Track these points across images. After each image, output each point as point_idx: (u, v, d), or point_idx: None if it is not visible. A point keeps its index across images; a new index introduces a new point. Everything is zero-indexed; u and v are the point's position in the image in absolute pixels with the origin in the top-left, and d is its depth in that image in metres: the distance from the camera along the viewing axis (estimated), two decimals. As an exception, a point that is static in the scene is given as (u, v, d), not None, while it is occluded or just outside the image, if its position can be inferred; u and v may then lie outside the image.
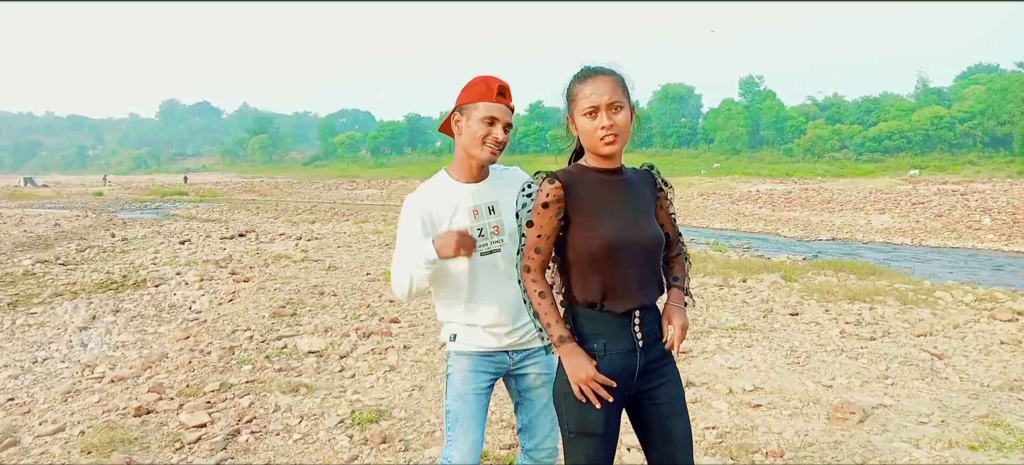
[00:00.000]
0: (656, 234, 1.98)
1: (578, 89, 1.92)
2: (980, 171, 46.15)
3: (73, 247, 13.69)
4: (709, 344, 5.87)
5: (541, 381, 2.42)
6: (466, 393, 2.32)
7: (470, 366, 2.34)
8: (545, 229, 1.93)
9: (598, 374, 1.91)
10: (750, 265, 11.11)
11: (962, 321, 6.79)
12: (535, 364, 2.42)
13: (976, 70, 75.47)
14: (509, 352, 2.38)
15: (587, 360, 1.92)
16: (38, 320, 7.19)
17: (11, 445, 3.88)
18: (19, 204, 32.26)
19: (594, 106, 1.88)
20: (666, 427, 2.01)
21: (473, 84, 2.26)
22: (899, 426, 4.08)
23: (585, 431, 1.95)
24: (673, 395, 2.03)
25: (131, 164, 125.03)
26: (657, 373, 2.01)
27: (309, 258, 11.38)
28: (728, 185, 40.35)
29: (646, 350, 1.98)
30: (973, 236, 18.54)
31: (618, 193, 1.97)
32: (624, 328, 1.95)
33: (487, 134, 2.22)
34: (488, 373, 2.37)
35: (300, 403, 4.48)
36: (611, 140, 1.89)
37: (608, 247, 1.90)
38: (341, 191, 46.22)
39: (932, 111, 57.29)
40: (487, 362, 2.36)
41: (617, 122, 1.88)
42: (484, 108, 2.21)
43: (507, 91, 2.25)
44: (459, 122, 2.27)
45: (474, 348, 2.35)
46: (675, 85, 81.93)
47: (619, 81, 1.92)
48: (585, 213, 1.93)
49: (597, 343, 1.95)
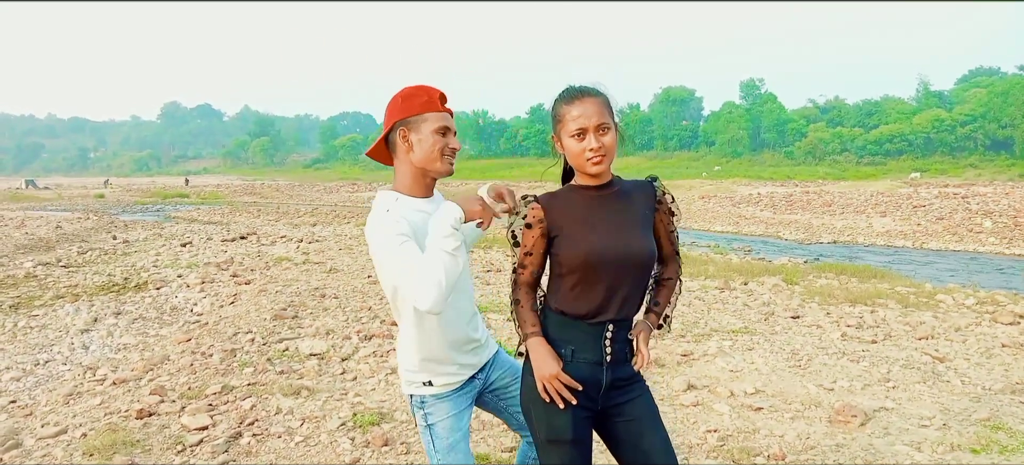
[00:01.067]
0: (645, 248, 1.96)
1: (565, 110, 1.92)
2: (981, 174, 46.07)
3: (75, 249, 13.70)
4: (710, 347, 5.87)
5: (511, 377, 2.33)
6: (456, 443, 2.16)
7: (452, 410, 2.17)
8: (530, 245, 2.01)
9: (562, 373, 1.93)
10: (751, 268, 11.11)
11: (963, 324, 6.78)
12: (498, 366, 2.35)
13: (977, 73, 75.43)
14: (476, 375, 2.26)
15: (554, 358, 1.95)
16: (40, 322, 7.20)
17: (13, 447, 3.88)
18: (21, 206, 32.28)
19: (582, 128, 1.89)
20: (637, 443, 1.99)
21: (411, 94, 2.10)
22: (901, 429, 4.08)
23: (554, 438, 1.96)
24: (643, 410, 2.01)
25: (132, 166, 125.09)
26: (625, 390, 2.01)
27: (310, 260, 11.38)
28: (729, 188, 40.34)
29: (614, 366, 1.98)
30: (974, 239, 18.51)
31: (606, 207, 1.98)
32: (595, 339, 1.96)
33: (444, 145, 2.10)
34: (467, 407, 2.24)
35: (302, 406, 4.48)
36: (598, 161, 1.91)
37: (588, 259, 1.92)
38: (342, 193, 46.21)
39: (933, 114, 57.20)
40: (464, 397, 2.22)
41: (604, 143, 1.90)
42: (435, 119, 2.08)
43: (446, 98, 2.14)
44: (407, 138, 2.09)
45: (452, 387, 2.18)
46: (676, 88, 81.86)
47: (605, 102, 1.92)
48: (569, 229, 1.96)
49: (565, 348, 1.97)
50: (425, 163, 2.10)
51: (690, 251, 14.51)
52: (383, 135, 2.15)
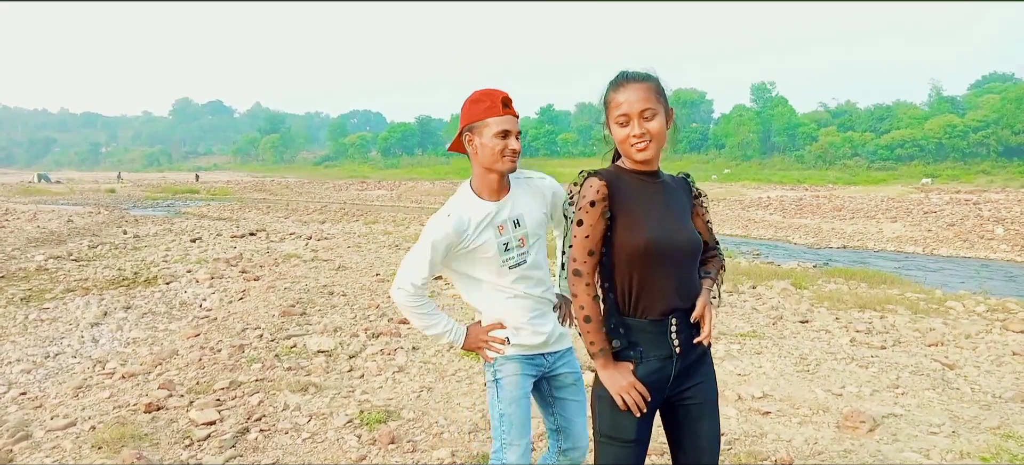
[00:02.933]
0: (695, 238, 2.01)
1: (612, 97, 1.95)
2: (993, 181, 45.74)
3: (85, 243, 13.78)
4: (718, 350, 5.84)
5: (573, 379, 2.49)
6: (518, 397, 2.38)
7: (519, 370, 2.39)
8: (594, 229, 1.95)
9: (636, 381, 1.92)
10: (760, 272, 11.06)
11: (974, 331, 6.73)
12: (566, 363, 2.49)
13: (990, 79, 74.93)
14: (546, 354, 2.44)
15: (624, 369, 1.94)
16: (50, 315, 7.24)
17: (23, 438, 3.91)
18: (33, 200, 32.53)
19: (626, 114, 1.90)
20: (694, 429, 2.03)
21: (476, 100, 2.30)
22: (909, 436, 4.06)
23: (616, 436, 1.97)
24: (706, 396, 2.04)
25: (144, 161, 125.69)
26: (692, 375, 2.02)
27: (319, 258, 11.41)
28: (739, 191, 40.22)
29: (683, 356, 1.99)
30: (986, 246, 18.37)
31: (657, 196, 1.99)
32: (661, 335, 1.96)
33: (504, 147, 2.27)
34: (532, 376, 2.43)
35: (309, 402, 4.49)
36: (643, 147, 1.92)
37: (649, 247, 1.91)
38: (351, 191, 46.34)
39: (945, 119, 56.85)
40: (531, 365, 2.41)
41: (649, 129, 1.90)
42: (495, 123, 2.26)
43: (510, 102, 2.31)
44: (472, 142, 2.31)
45: (521, 351, 2.39)
46: (686, 90, 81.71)
47: (652, 87, 1.93)
48: (627, 213, 1.95)
49: (633, 351, 1.96)
50: (488, 164, 2.30)
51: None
52: (458, 134, 2.38)
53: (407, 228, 18.15)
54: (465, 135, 2.33)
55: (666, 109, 1.95)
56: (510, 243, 2.35)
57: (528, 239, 2.39)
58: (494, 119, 2.26)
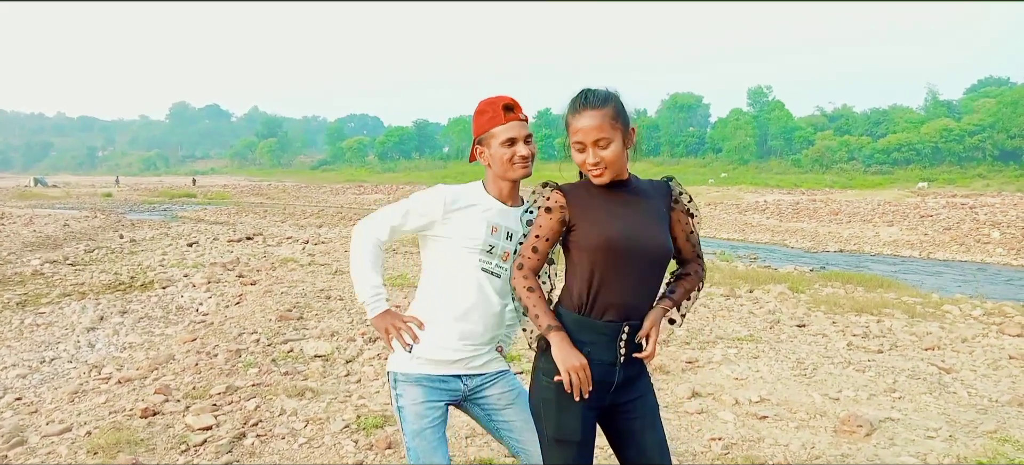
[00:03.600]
0: (661, 242, 1.98)
1: (570, 121, 1.96)
2: (990, 184, 45.82)
3: (82, 248, 13.76)
4: (715, 354, 5.85)
5: (509, 400, 2.34)
6: (422, 429, 2.23)
7: (422, 397, 2.25)
8: (544, 230, 2.00)
9: (586, 366, 1.91)
10: (757, 276, 11.07)
11: (970, 335, 6.75)
12: (494, 385, 2.34)
13: (986, 83, 75.05)
14: (462, 377, 2.29)
15: (577, 352, 1.93)
16: (46, 320, 7.23)
17: (18, 444, 3.90)
18: (29, 204, 32.46)
19: (581, 142, 1.93)
20: (640, 442, 2.04)
21: (481, 112, 2.29)
22: (906, 440, 4.06)
23: (562, 437, 1.98)
24: (646, 409, 2.06)
25: (140, 165, 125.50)
26: (632, 387, 2.04)
27: (316, 262, 11.40)
28: (735, 195, 40.27)
29: (626, 365, 2.00)
30: (982, 250, 18.43)
31: (623, 199, 2.00)
32: (611, 340, 1.97)
33: (512, 155, 2.25)
34: (439, 403, 2.27)
35: (306, 407, 4.48)
36: (598, 174, 1.95)
37: (609, 243, 1.92)
38: (348, 195, 46.33)
39: (941, 123, 56.97)
40: (437, 390, 2.27)
41: (603, 157, 1.91)
42: (500, 132, 2.24)
43: (514, 106, 2.27)
44: (483, 154, 2.30)
45: (428, 367, 2.25)
46: (683, 94, 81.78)
47: (608, 113, 1.91)
48: (588, 214, 1.97)
49: (582, 349, 1.96)
50: (500, 174, 2.28)
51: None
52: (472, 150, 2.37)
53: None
54: (477, 148, 2.32)
55: (625, 131, 1.95)
56: (495, 248, 2.27)
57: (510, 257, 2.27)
58: (498, 128, 2.24)
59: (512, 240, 2.29)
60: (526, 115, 2.31)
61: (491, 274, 2.28)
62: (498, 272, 2.29)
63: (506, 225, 2.30)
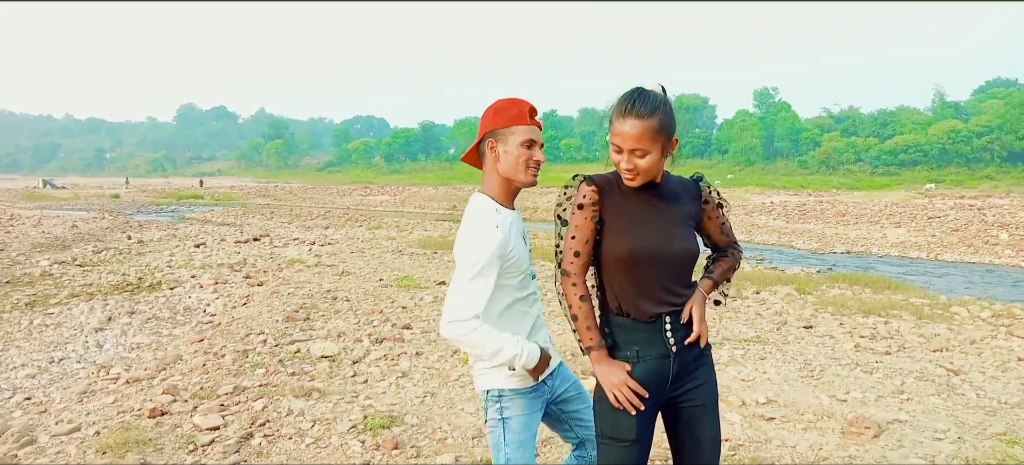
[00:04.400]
0: (687, 248, 2.00)
1: (614, 121, 1.94)
2: (998, 186, 45.57)
3: (90, 249, 13.82)
4: (722, 356, 5.84)
5: (576, 390, 2.39)
6: (526, 440, 2.21)
7: (528, 408, 2.22)
8: (581, 231, 1.99)
9: (630, 379, 1.94)
10: (764, 277, 11.04)
11: (979, 337, 6.71)
12: (564, 379, 2.37)
13: (994, 84, 74.66)
14: (546, 379, 2.30)
15: (618, 367, 1.96)
16: (55, 320, 7.26)
17: (28, 443, 3.92)
18: (38, 205, 32.63)
19: (619, 147, 1.92)
20: (695, 430, 2.04)
21: (503, 107, 2.21)
22: (914, 442, 4.04)
23: (617, 437, 1.98)
24: (706, 398, 2.05)
25: (148, 167, 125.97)
26: (692, 376, 2.04)
27: (322, 263, 11.43)
28: (742, 196, 40.16)
29: (680, 355, 2.00)
30: (990, 251, 18.32)
31: (652, 204, 2.00)
32: (656, 334, 1.98)
33: (529, 157, 2.18)
34: (540, 411, 2.29)
35: (313, 407, 4.49)
36: (631, 179, 1.95)
37: (634, 255, 1.94)
38: (355, 197, 46.39)
39: (949, 125, 56.70)
40: (537, 399, 2.27)
41: (638, 165, 1.91)
42: (522, 133, 2.17)
43: (536, 112, 2.23)
44: (495, 148, 2.20)
45: (525, 383, 2.21)
46: (689, 95, 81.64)
47: (653, 126, 1.88)
48: (618, 219, 1.98)
49: (630, 350, 1.98)
50: (510, 173, 2.20)
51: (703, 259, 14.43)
52: (476, 142, 2.28)
53: (410, 233, 18.16)
54: (487, 141, 2.21)
55: (667, 142, 1.93)
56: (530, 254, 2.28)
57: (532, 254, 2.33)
58: (521, 128, 2.17)
59: (526, 241, 2.29)
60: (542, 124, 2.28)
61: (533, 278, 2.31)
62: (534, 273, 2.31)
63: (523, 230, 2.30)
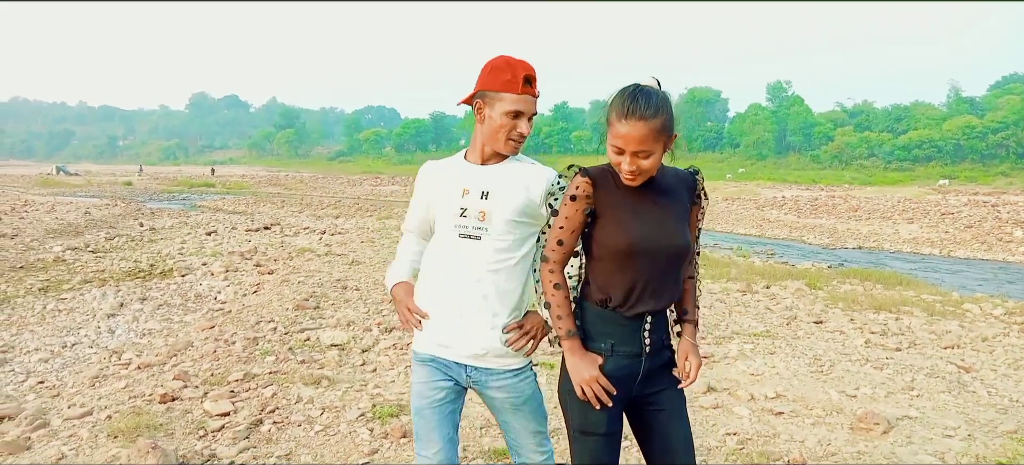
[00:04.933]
0: (683, 242, 1.98)
1: (614, 121, 1.87)
2: (1013, 183, 45.12)
3: (102, 235, 13.93)
4: (731, 350, 5.82)
5: (510, 405, 2.20)
6: (421, 407, 2.17)
7: (425, 376, 2.18)
8: (570, 222, 1.96)
9: (601, 375, 1.92)
10: (774, 271, 11.00)
11: (991, 334, 6.66)
12: (500, 388, 2.17)
13: (1010, 80, 73.85)
14: (465, 367, 2.15)
15: (590, 361, 1.94)
16: (68, 306, 7.33)
17: (41, 426, 3.96)
18: (51, 192, 32.90)
19: (621, 148, 1.87)
20: (665, 433, 2.03)
21: (496, 68, 2.08)
22: (924, 438, 4.02)
23: (588, 430, 1.98)
24: (673, 401, 2.04)
25: (160, 155, 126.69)
26: (659, 379, 2.03)
27: (333, 252, 11.47)
28: (753, 190, 39.97)
29: (652, 356, 1.99)
30: (1004, 248, 18.16)
31: (648, 196, 1.97)
32: (635, 331, 1.96)
33: (511, 128, 2.08)
34: (442, 384, 2.17)
35: (322, 395, 4.52)
36: (631, 179, 1.91)
37: (632, 248, 1.91)
38: (365, 187, 46.50)
39: (964, 120, 56.20)
40: (441, 372, 2.17)
41: (641, 165, 1.88)
42: (510, 101, 2.05)
43: (533, 79, 2.09)
44: (482, 110, 2.09)
45: (426, 351, 2.19)
46: (701, 88, 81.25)
47: (656, 127, 1.84)
48: (612, 211, 1.95)
49: (605, 343, 1.96)
50: (489, 140, 2.12)
51: (712, 253, 14.40)
52: (470, 95, 2.16)
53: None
54: (476, 101, 2.11)
55: (668, 140, 1.91)
56: (468, 211, 2.11)
57: (491, 218, 2.10)
58: (510, 95, 2.05)
59: (487, 198, 2.11)
60: (539, 93, 2.14)
61: (470, 238, 2.12)
62: (477, 234, 2.11)
63: (481, 185, 2.13)
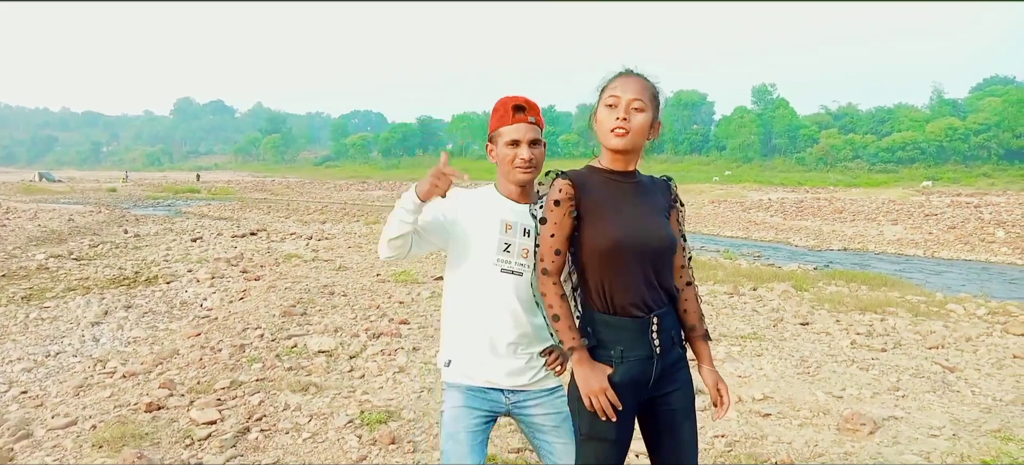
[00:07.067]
0: (667, 235, 1.99)
1: (610, 83, 1.98)
2: (995, 184, 45.67)
3: (86, 243, 13.78)
4: (718, 352, 5.85)
5: (553, 422, 2.24)
6: (457, 432, 2.19)
7: (461, 401, 2.22)
8: (560, 227, 1.96)
9: (608, 388, 1.90)
10: (760, 273, 11.06)
11: (974, 334, 6.73)
12: (539, 405, 2.25)
13: (992, 82, 74.79)
14: (504, 391, 2.23)
15: (599, 372, 1.91)
16: (51, 314, 7.25)
17: (24, 437, 3.91)
18: (34, 199, 32.54)
19: (617, 97, 1.93)
20: (676, 432, 2.03)
21: (495, 110, 2.28)
22: (910, 438, 4.06)
23: (596, 435, 1.96)
24: (685, 400, 2.05)
25: (145, 161, 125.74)
26: (671, 378, 2.03)
27: (320, 258, 11.42)
28: (739, 193, 40.20)
29: (663, 356, 1.98)
30: (986, 249, 18.37)
31: (629, 194, 1.99)
32: (642, 334, 1.95)
33: (513, 157, 2.22)
34: (481, 411, 2.23)
35: (310, 402, 4.49)
36: (621, 133, 1.92)
37: (618, 243, 1.91)
38: (352, 192, 46.36)
39: (946, 122, 56.83)
40: (478, 398, 2.23)
41: (631, 119, 1.92)
42: (506, 133, 2.23)
43: (524, 107, 2.23)
44: (493, 152, 2.29)
45: (463, 380, 2.23)
46: (688, 92, 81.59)
47: (650, 88, 1.97)
48: (595, 211, 1.95)
49: (614, 350, 1.95)
50: (503, 174, 2.28)
51: (700, 256, 14.46)
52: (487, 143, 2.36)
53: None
54: (488, 146, 2.31)
55: (655, 114, 1.97)
56: (512, 246, 2.21)
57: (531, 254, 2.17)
58: (505, 128, 2.23)
59: (529, 236, 2.21)
60: (539, 119, 2.25)
61: (512, 273, 2.21)
62: (520, 270, 2.21)
63: (522, 221, 2.23)
